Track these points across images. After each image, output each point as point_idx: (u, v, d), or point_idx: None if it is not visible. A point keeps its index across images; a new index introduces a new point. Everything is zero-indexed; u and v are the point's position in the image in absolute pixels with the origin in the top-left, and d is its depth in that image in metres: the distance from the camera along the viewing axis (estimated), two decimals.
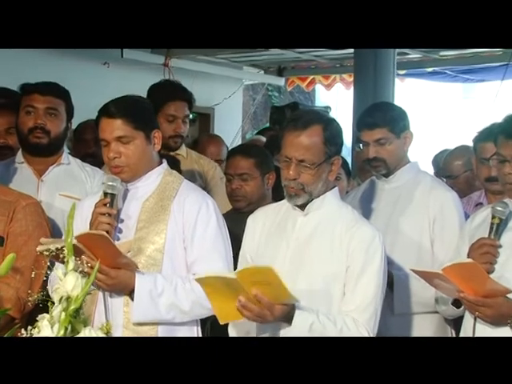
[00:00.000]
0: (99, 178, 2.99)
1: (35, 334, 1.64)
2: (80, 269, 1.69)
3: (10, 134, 3.19)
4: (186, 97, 3.46)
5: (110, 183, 2.33)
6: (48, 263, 1.95)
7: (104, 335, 1.65)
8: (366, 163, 3.70)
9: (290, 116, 2.49)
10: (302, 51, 7.16)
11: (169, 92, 3.47)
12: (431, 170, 4.53)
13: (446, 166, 3.89)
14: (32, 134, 2.91)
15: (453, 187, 3.67)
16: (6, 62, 5.53)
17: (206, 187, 3.35)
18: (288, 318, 2.15)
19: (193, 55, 6.94)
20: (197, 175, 3.37)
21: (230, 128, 7.76)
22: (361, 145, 2.97)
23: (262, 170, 3.10)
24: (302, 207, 2.33)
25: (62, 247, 1.85)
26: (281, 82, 8.26)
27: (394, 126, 2.90)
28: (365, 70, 5.68)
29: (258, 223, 2.44)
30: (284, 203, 2.42)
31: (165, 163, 2.48)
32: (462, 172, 3.72)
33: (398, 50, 5.94)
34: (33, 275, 2.04)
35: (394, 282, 2.76)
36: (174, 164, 3.01)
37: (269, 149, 3.44)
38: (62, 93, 2.98)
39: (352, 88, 6.30)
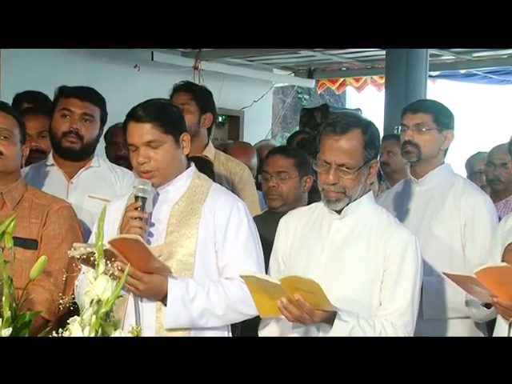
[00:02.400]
0: (128, 179, 3.00)
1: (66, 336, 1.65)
2: (110, 272, 1.70)
3: (42, 137, 3.21)
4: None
5: (141, 186, 2.32)
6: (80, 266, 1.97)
7: None
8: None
9: (324, 119, 2.48)
10: (333, 53, 7.14)
11: None
12: (464, 173, 4.48)
13: (501, 155, 3.79)
14: (65, 138, 2.93)
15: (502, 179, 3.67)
16: (38, 63, 5.62)
17: (232, 190, 3.35)
18: (328, 322, 2.15)
19: (223, 58, 6.97)
20: (223, 179, 3.36)
21: (260, 131, 7.78)
22: (399, 127, 2.95)
23: (300, 172, 3.10)
24: (338, 211, 2.33)
25: (93, 252, 1.85)
26: (311, 84, 8.26)
27: (438, 116, 2.88)
28: (396, 72, 5.65)
29: (290, 225, 2.44)
30: (317, 206, 2.42)
31: (193, 166, 2.48)
32: None
33: (430, 52, 5.90)
34: (64, 278, 2.06)
35: (423, 287, 2.73)
36: (207, 166, 3.02)
37: None
38: (99, 100, 3.00)
39: (383, 90, 6.27)
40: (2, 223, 1.78)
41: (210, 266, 2.36)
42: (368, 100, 9.03)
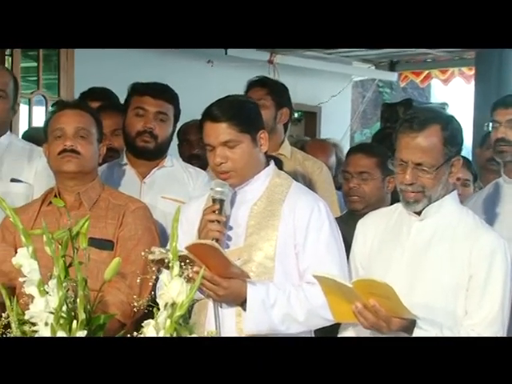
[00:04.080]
0: (202, 179, 3.05)
1: None
2: (185, 274, 1.75)
3: (116, 135, 3.26)
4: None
5: (219, 189, 2.35)
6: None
7: None
8: (487, 162, 3.61)
9: (404, 115, 2.45)
10: None
11: None
12: None
13: None
14: (140, 138, 2.98)
15: None
16: (109, 61, 5.78)
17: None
18: (407, 330, 2.13)
19: (299, 51, 6.98)
20: (299, 178, 3.36)
21: (338, 127, 7.75)
22: (490, 124, 2.89)
23: (383, 171, 3.05)
24: (418, 212, 2.31)
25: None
26: (393, 77, 8.16)
27: None
28: (487, 63, 5.53)
29: (369, 228, 2.43)
30: (396, 207, 2.40)
31: (272, 164, 2.49)
32: None
33: None
34: (138, 280, 2.10)
35: None
36: (277, 165, 3.03)
37: None
38: (173, 97, 3.04)
39: (473, 82, 6.15)
40: (76, 223, 1.85)
41: (290, 270, 2.37)
42: (456, 94, 8.86)
